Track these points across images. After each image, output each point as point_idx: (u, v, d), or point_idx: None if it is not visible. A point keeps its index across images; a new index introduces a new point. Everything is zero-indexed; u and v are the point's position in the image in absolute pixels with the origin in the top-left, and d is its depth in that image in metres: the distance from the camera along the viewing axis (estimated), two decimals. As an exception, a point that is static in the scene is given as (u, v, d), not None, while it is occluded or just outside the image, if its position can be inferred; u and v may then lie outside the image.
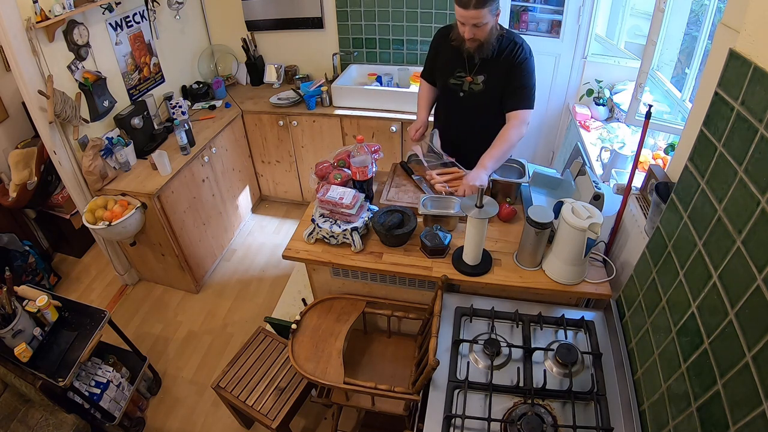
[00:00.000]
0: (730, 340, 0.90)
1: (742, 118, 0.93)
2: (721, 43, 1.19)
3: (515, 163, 1.95)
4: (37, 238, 3.09)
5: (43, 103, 2.13)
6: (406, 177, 2.07)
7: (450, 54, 1.90)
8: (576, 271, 1.50)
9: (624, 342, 1.40)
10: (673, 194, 1.21)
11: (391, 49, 3.14)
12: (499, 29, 1.81)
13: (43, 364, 1.76)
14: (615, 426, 1.22)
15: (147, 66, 2.82)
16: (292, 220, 3.49)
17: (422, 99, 2.15)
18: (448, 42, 1.87)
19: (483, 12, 1.64)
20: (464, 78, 1.90)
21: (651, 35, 1.92)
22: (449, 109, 2.07)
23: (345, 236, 1.68)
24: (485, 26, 1.70)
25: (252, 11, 3.19)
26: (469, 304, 1.54)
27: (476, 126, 2.00)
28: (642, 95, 2.03)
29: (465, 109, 1.98)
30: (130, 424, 2.13)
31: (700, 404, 0.97)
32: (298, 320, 1.71)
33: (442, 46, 1.95)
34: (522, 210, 1.86)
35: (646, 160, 2.02)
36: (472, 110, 1.97)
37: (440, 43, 1.96)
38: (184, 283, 2.87)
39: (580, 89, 2.86)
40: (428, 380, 1.33)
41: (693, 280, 1.07)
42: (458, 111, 2.01)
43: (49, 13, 2.07)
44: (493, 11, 1.68)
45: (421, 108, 2.14)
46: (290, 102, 3.03)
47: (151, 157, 2.48)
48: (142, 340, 2.60)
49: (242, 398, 1.84)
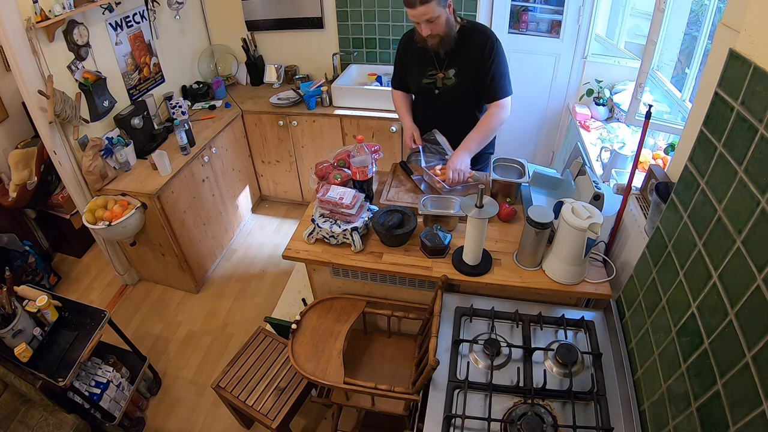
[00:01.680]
0: (730, 340, 0.90)
1: (742, 118, 0.93)
2: (721, 43, 1.19)
3: (515, 163, 1.95)
4: (37, 238, 3.09)
5: (43, 103, 2.13)
6: (406, 177, 2.07)
7: (418, 55, 1.92)
8: (576, 271, 1.50)
9: (624, 342, 1.40)
10: (673, 194, 1.21)
11: (391, 49, 3.14)
12: (460, 21, 1.84)
13: (43, 364, 1.76)
14: (615, 426, 1.22)
15: (147, 66, 2.82)
16: (292, 220, 3.49)
17: (401, 106, 2.15)
18: (413, 45, 1.89)
19: (431, 6, 1.66)
20: (436, 75, 1.93)
21: (651, 35, 1.92)
22: (427, 109, 2.08)
23: (345, 236, 1.68)
24: (439, 19, 1.72)
25: (252, 11, 3.19)
26: (469, 304, 1.54)
27: (456, 119, 2.02)
28: (642, 95, 2.02)
29: (442, 105, 2.00)
30: (130, 424, 2.13)
31: (700, 404, 0.97)
32: (298, 320, 1.71)
33: (407, 50, 1.98)
34: (522, 210, 1.86)
35: (646, 160, 2.02)
36: (449, 105, 2.00)
37: (405, 48, 1.99)
38: (184, 283, 2.87)
39: (580, 89, 2.86)
40: (428, 380, 1.33)
41: (693, 280, 1.07)
42: (436, 108, 2.03)
43: (49, 13, 2.08)
44: (442, 3, 1.70)
45: (404, 114, 2.14)
46: (290, 102, 3.03)
47: (151, 157, 2.48)
48: (142, 340, 2.60)
49: (242, 398, 1.84)
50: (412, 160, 2.17)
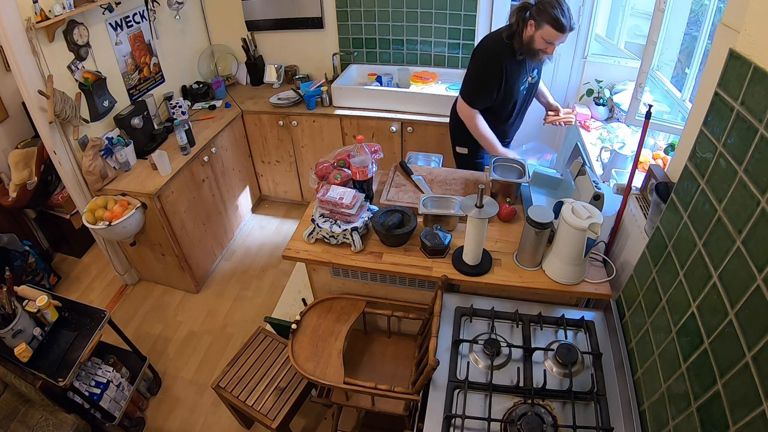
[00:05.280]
0: (730, 340, 0.90)
1: (742, 118, 0.93)
2: (721, 43, 1.19)
3: (515, 163, 1.95)
4: (37, 238, 3.09)
5: (43, 103, 2.13)
6: (406, 177, 2.07)
7: (515, 66, 2.04)
8: (576, 271, 1.50)
9: (624, 342, 1.40)
10: (673, 194, 1.21)
11: (391, 49, 3.14)
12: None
13: (43, 364, 1.76)
14: (615, 426, 1.22)
15: (147, 66, 2.82)
16: (292, 220, 3.49)
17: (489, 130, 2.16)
18: (513, 59, 1.98)
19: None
20: (527, 80, 2.12)
21: (651, 35, 1.92)
22: (513, 116, 2.22)
23: (345, 236, 1.68)
24: None
25: (252, 11, 3.19)
26: (469, 304, 1.54)
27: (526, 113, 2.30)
28: (642, 95, 2.02)
29: (525, 105, 2.24)
30: (130, 424, 2.13)
31: (700, 404, 0.97)
32: (298, 320, 1.71)
33: (510, 66, 2.02)
34: (522, 210, 1.86)
35: (646, 160, 2.02)
36: (528, 103, 2.25)
37: (508, 66, 2.02)
38: (184, 283, 2.87)
39: (580, 89, 2.86)
40: (428, 380, 1.33)
41: (693, 280, 1.07)
42: (521, 111, 2.25)
43: (49, 13, 2.07)
44: None
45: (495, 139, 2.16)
46: (290, 102, 3.03)
47: (151, 157, 2.48)
48: (142, 340, 2.60)
49: (242, 398, 1.84)
50: (413, 160, 2.19)
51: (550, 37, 1.86)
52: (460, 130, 2.32)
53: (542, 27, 1.85)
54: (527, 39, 1.91)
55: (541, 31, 1.86)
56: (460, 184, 2.03)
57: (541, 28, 1.85)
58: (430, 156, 2.32)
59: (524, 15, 1.89)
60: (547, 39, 1.87)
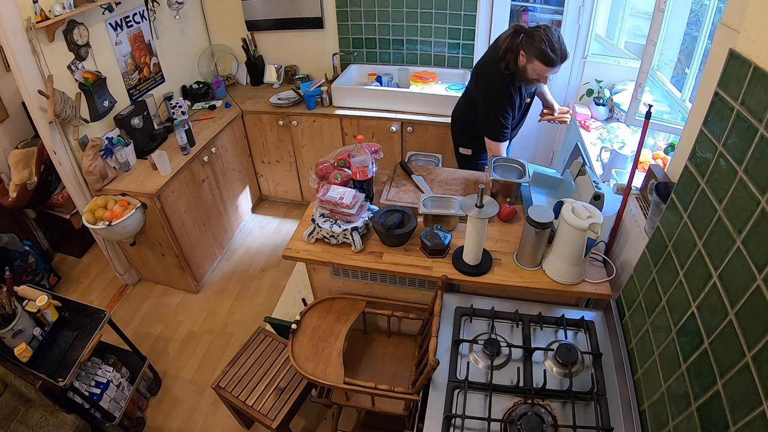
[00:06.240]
0: (730, 340, 0.90)
1: (742, 118, 0.93)
2: (721, 43, 1.19)
3: (515, 163, 1.95)
4: (37, 238, 3.09)
5: (43, 103, 2.13)
6: (406, 177, 2.07)
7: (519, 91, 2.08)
8: (576, 271, 1.50)
9: (624, 342, 1.40)
10: (673, 194, 1.21)
11: (391, 49, 3.14)
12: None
13: (43, 364, 1.76)
14: (615, 426, 1.22)
15: (147, 66, 2.82)
16: (292, 220, 3.49)
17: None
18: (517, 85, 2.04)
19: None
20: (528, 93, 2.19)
21: (651, 35, 1.92)
22: (518, 126, 2.30)
23: (345, 236, 1.68)
24: None
25: (252, 11, 3.19)
26: (469, 304, 1.54)
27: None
28: (642, 95, 2.02)
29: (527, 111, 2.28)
30: (130, 424, 2.13)
31: (700, 404, 0.97)
32: (298, 320, 1.71)
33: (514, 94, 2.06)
34: (522, 210, 1.86)
35: (646, 160, 2.02)
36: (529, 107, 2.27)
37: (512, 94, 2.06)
38: (184, 283, 2.87)
39: (580, 89, 2.86)
40: (428, 380, 1.33)
41: (693, 280, 1.07)
42: (524, 117, 2.30)
43: (49, 13, 2.07)
44: None
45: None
46: (290, 102, 3.03)
47: (151, 157, 2.48)
48: (142, 340, 2.60)
49: (242, 398, 1.84)
50: (412, 160, 2.19)
51: (540, 71, 1.88)
52: (465, 132, 2.33)
53: (532, 61, 1.86)
54: (521, 68, 1.93)
55: (531, 65, 1.87)
56: (460, 184, 2.03)
57: (530, 62, 1.87)
58: (431, 156, 2.33)
59: (517, 40, 1.89)
60: (537, 72, 1.89)
